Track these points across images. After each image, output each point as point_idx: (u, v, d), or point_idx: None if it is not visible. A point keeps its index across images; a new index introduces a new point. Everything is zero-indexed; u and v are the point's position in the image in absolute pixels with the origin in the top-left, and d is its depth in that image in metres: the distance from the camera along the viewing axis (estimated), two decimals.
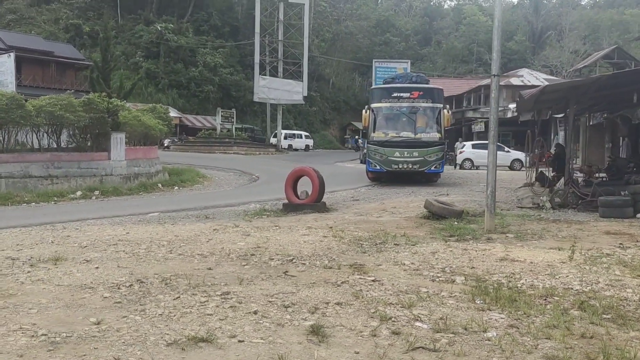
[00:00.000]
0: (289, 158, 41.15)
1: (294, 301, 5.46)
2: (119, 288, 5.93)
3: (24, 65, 41.25)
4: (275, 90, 50.02)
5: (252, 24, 64.90)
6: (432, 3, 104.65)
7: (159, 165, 25.70)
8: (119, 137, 22.18)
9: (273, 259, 7.59)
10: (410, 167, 20.29)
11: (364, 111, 21.61)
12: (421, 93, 20.96)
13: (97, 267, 6.86)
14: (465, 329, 4.81)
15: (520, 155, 32.64)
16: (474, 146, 32.88)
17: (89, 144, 21.72)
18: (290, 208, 13.31)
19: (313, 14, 61.80)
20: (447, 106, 21.45)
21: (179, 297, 5.55)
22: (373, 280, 6.39)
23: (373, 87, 23.38)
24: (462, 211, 11.93)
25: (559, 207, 13.36)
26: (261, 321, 4.89)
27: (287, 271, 6.85)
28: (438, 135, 20.59)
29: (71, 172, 20.44)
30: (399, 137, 20.60)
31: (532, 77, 46.77)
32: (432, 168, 20.51)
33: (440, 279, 6.62)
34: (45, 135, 20.93)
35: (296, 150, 53.73)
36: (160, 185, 22.93)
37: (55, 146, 21.04)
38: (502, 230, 10.20)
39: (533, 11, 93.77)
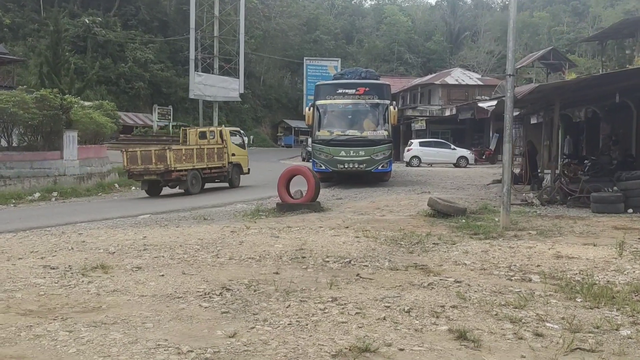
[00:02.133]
0: None
1: (408, 305, 5.33)
2: (210, 297, 5.60)
3: None
4: (212, 87, 49.19)
5: (181, 19, 63.64)
6: (353, 2, 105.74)
7: (110, 165, 24.71)
8: (72, 135, 21.21)
9: (328, 261, 7.41)
10: (357, 166, 19.29)
11: (307, 108, 20.84)
12: (367, 89, 19.88)
13: (162, 275, 6.47)
14: (598, 328, 4.83)
15: (465, 152, 33.52)
16: (421, 144, 33.49)
17: (40, 142, 20.62)
18: (286, 208, 13.08)
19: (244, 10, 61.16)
20: (394, 103, 20.90)
21: (290, 305, 5.30)
22: (455, 281, 6.34)
23: (318, 83, 22.25)
24: (466, 209, 12.08)
25: (548, 203, 13.76)
26: (398, 328, 4.73)
27: (359, 274, 6.70)
28: (385, 132, 19.55)
29: (24, 173, 19.39)
30: (345, 135, 19.53)
31: (465, 76, 48.12)
32: (379, 167, 19.46)
33: (516, 277, 6.64)
34: None
35: None
36: (117, 185, 22.05)
37: (6, 145, 19.86)
38: (517, 227, 10.39)
39: (450, 12, 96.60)
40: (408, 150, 33.18)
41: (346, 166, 19.30)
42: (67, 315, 5.04)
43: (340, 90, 19.94)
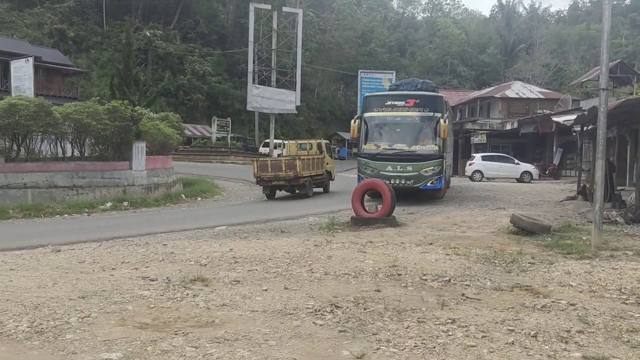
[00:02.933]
0: None
1: (532, 329, 5.09)
2: (322, 314, 5.48)
3: (9, 69, 39.88)
4: (269, 99, 49.51)
5: (239, 32, 64.53)
6: (405, 14, 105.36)
7: (175, 176, 25.03)
8: (140, 146, 21.55)
9: (426, 279, 7.21)
10: (404, 182, 18.12)
11: (352, 121, 19.63)
12: (417, 101, 18.64)
13: (265, 290, 6.39)
14: None
15: (529, 167, 32.76)
16: (483, 158, 32.90)
17: (111, 153, 21.03)
18: (362, 222, 12.90)
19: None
20: (448, 115, 19.33)
21: (408, 325, 5.13)
22: (569, 304, 6.05)
23: (367, 94, 21.10)
24: (550, 227, 11.69)
25: (632, 222, 13.23)
26: (530, 353, 4.51)
27: (464, 294, 6.48)
28: (435, 147, 18.19)
29: (95, 182, 19.77)
30: (392, 149, 18.45)
31: (525, 90, 47.20)
32: (428, 184, 18.21)
33: (630, 301, 6.31)
34: (68, 144, 20.21)
35: None
36: (183, 196, 22.29)
37: (78, 155, 20.32)
38: (609, 247, 9.97)
39: (505, 25, 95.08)
40: (470, 165, 32.63)
41: (392, 182, 17.65)
42: (183, 329, 4.98)
43: (389, 102, 18.97)
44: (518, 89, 47.17)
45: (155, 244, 10.16)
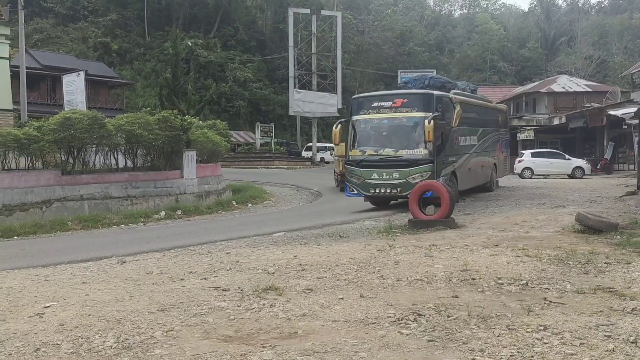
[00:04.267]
0: (330, 171, 40.58)
1: (630, 335, 4.88)
2: (406, 323, 5.36)
3: (58, 83, 40.71)
4: (310, 103, 49.65)
5: (278, 38, 64.95)
6: (442, 12, 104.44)
7: (224, 183, 25.20)
8: (191, 154, 21.76)
9: (502, 283, 7.02)
10: (390, 191, 16.71)
11: (334, 126, 18.38)
12: (405, 101, 17.03)
13: (341, 298, 6.30)
14: None
15: (581, 162, 32.02)
16: (533, 154, 32.29)
17: (162, 162, 21.27)
18: (420, 224, 12.72)
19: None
20: (439, 115, 16.92)
21: (499, 333, 4.97)
22: None
23: (355, 96, 19.37)
24: (618, 224, 11.33)
25: None
26: None
27: (546, 298, 6.28)
28: (424, 151, 16.46)
29: (148, 192, 20.01)
30: (377, 155, 16.93)
31: (572, 83, 46.19)
32: None
33: None
34: (121, 155, 20.52)
35: (328, 162, 53.18)
36: (234, 202, 22.41)
37: (131, 166, 20.60)
38: None
39: (544, 18, 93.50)
40: (519, 162, 32.08)
41: (378, 190, 16.79)
42: (269, 341, 4.93)
43: (375, 104, 17.30)
44: (564, 83, 46.20)
45: (218, 253, 10.18)
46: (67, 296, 6.84)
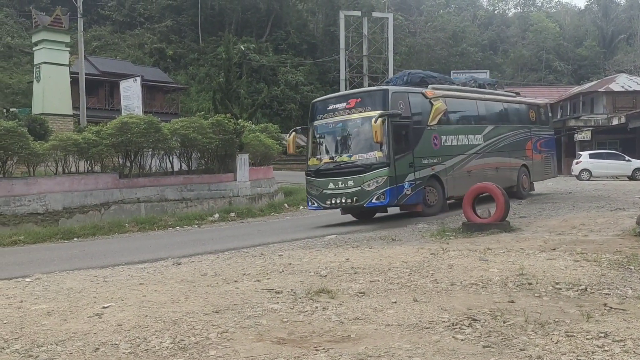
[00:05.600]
0: None
1: None
2: (460, 328, 5.28)
3: (116, 89, 41.84)
4: None
5: (329, 41, 65.11)
6: (496, 12, 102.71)
7: (276, 185, 25.41)
8: (244, 157, 22.05)
9: (560, 288, 6.83)
10: (346, 201, 15.20)
11: (287, 135, 17.23)
12: (359, 100, 15.54)
13: (394, 302, 6.26)
14: None
15: None
16: (591, 156, 31.46)
17: (216, 165, 21.60)
18: (474, 228, 12.51)
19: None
20: (395, 112, 15.13)
21: (558, 340, 4.84)
22: None
23: (314, 100, 17.68)
24: None
25: None
26: None
27: (606, 304, 6.08)
28: (378, 154, 14.88)
29: (202, 195, 20.35)
30: (333, 162, 15.54)
31: (632, 82, 44.75)
32: (374, 201, 14.90)
33: None
34: (176, 158, 20.94)
35: None
36: (286, 205, 22.58)
37: (186, 169, 21.00)
38: None
39: (602, 15, 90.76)
40: (577, 163, 31.32)
41: (334, 201, 15.35)
42: (322, 344, 4.93)
43: (331, 107, 15.93)
44: (623, 82, 44.79)
45: (270, 255, 10.27)
46: (124, 297, 7.00)
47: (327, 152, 16.00)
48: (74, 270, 10.14)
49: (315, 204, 15.93)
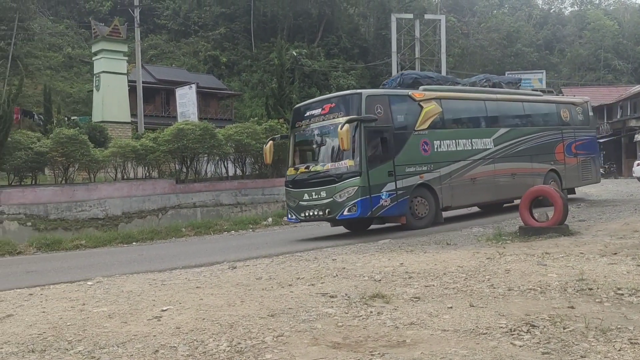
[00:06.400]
0: None
1: None
2: (518, 334, 5.18)
3: (172, 96, 42.69)
4: None
5: (380, 44, 64.95)
6: (552, 11, 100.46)
7: None
8: None
9: (622, 294, 6.61)
10: (319, 213, 14.34)
11: (265, 144, 16.52)
12: (333, 105, 14.62)
13: (450, 307, 6.19)
14: None
15: None
16: None
17: (269, 170, 21.81)
18: (531, 232, 12.26)
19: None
20: (370, 117, 14.23)
21: (621, 347, 4.70)
22: None
23: (296, 105, 16.92)
24: None
25: None
26: None
27: None
28: (349, 163, 13.88)
29: (256, 199, 20.58)
30: (307, 171, 14.73)
31: None
32: (345, 212, 13.94)
33: None
34: (230, 163, 21.26)
35: None
36: None
37: (240, 174, 21.28)
38: None
39: None
40: (638, 165, 30.31)
41: (309, 214, 14.53)
42: (377, 349, 4.91)
43: (308, 113, 15.15)
44: None
45: (324, 259, 10.31)
46: (182, 300, 7.14)
47: (303, 161, 15.32)
48: (134, 273, 10.41)
49: (293, 217, 15.11)
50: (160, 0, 63.35)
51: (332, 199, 14.03)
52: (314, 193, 14.33)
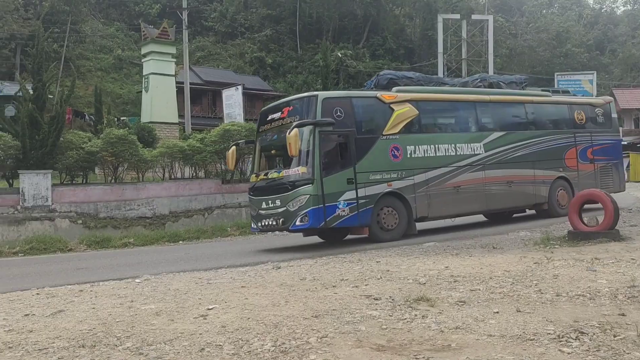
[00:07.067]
0: None
1: None
2: (567, 341, 5.08)
3: (218, 97, 43.17)
4: None
5: (426, 45, 64.49)
6: (603, 10, 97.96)
7: None
8: None
9: None
10: (275, 223, 13.45)
11: (228, 150, 15.79)
12: (290, 109, 13.77)
13: (497, 312, 6.11)
14: None
15: None
16: None
17: None
18: (580, 236, 11.98)
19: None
20: (326, 121, 13.18)
21: None
22: None
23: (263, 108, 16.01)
24: None
25: None
26: None
27: None
28: (302, 169, 12.91)
29: None
30: (266, 179, 13.94)
31: None
32: (298, 223, 12.94)
33: None
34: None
35: None
36: None
37: None
38: None
39: None
40: None
41: (266, 223, 13.69)
42: (421, 353, 4.88)
43: (270, 116, 14.36)
44: None
45: (368, 261, 10.31)
46: (227, 299, 7.23)
47: (264, 167, 14.63)
48: (180, 272, 10.60)
49: (254, 226, 14.33)
50: (207, 2, 64.27)
51: (285, 208, 13.13)
52: (270, 201, 13.54)
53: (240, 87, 32.13)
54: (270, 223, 13.51)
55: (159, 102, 30.45)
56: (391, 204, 13.85)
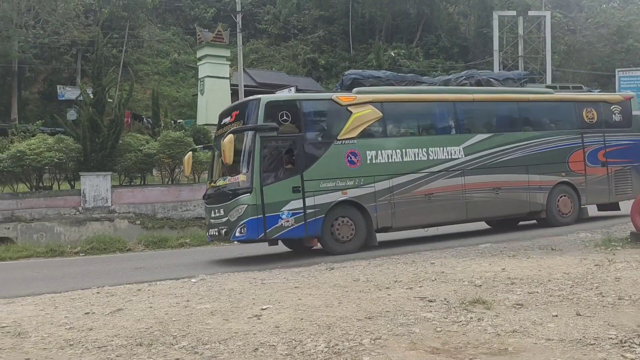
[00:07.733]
0: None
1: None
2: (630, 346, 4.90)
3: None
4: None
5: (481, 43, 63.43)
6: None
7: None
8: None
9: None
10: (217, 233, 12.82)
11: (184, 155, 15.20)
12: (237, 113, 13.04)
13: (556, 315, 5.94)
14: None
15: None
16: None
17: None
18: None
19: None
20: (268, 125, 12.29)
21: None
22: None
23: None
24: None
25: None
26: None
27: None
28: (242, 177, 12.15)
29: None
30: (215, 186, 13.31)
31: None
32: (237, 234, 12.10)
33: None
34: None
35: None
36: None
37: None
38: None
39: None
40: None
41: (213, 232, 13.11)
42: (477, 356, 4.80)
43: (222, 120, 13.65)
44: None
45: (422, 262, 10.19)
46: (281, 299, 7.27)
47: (214, 174, 13.91)
48: (234, 272, 10.71)
49: (208, 235, 13.81)
50: (261, 5, 64.87)
51: (227, 217, 12.36)
52: (216, 210, 12.87)
53: (293, 89, 32.30)
54: (215, 233, 12.98)
55: (214, 105, 30.87)
56: (348, 214, 12.85)
